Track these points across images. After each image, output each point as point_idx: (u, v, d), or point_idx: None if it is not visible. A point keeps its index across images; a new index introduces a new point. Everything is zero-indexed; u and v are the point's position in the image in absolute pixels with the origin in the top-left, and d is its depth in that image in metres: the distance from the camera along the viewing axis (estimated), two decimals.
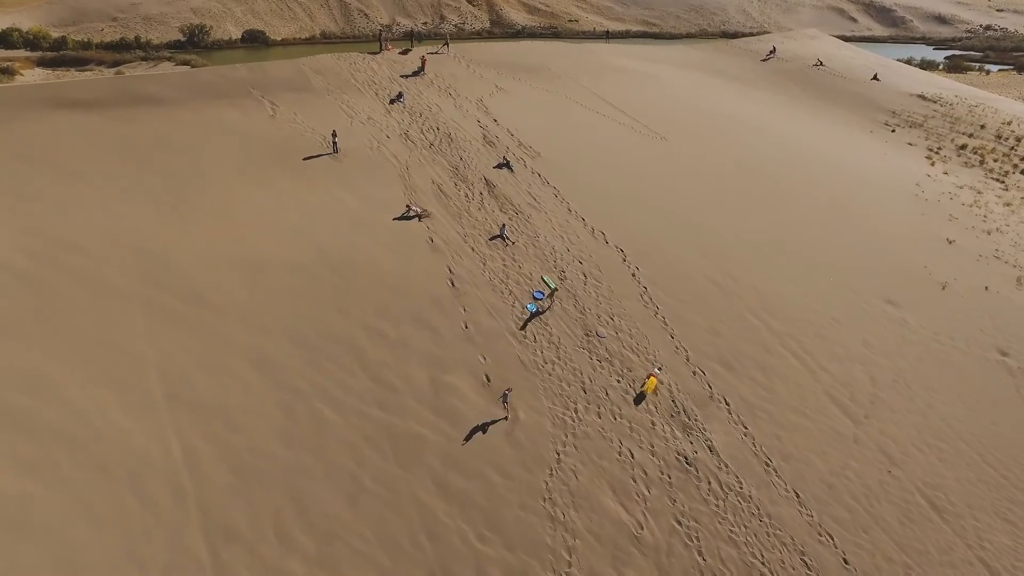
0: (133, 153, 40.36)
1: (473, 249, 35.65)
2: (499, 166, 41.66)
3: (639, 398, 28.40)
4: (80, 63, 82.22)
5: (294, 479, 24.31)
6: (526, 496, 25.41)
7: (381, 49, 57.94)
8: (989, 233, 46.21)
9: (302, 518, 23.35)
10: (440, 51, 59.42)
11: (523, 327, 29.94)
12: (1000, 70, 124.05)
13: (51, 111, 42.86)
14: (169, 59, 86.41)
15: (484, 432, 27.49)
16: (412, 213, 35.33)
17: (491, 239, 36.93)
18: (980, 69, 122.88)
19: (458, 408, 27.53)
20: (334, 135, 41.24)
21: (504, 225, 36.41)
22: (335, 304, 31.08)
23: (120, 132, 42.16)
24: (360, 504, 24.02)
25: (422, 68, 54.97)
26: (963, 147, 61.39)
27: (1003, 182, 55.92)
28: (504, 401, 26.15)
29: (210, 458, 24.69)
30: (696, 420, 29.36)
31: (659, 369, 29.11)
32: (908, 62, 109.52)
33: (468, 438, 27.31)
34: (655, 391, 28.70)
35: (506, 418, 26.56)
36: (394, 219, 35.74)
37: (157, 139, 42.04)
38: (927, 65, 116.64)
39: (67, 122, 42.16)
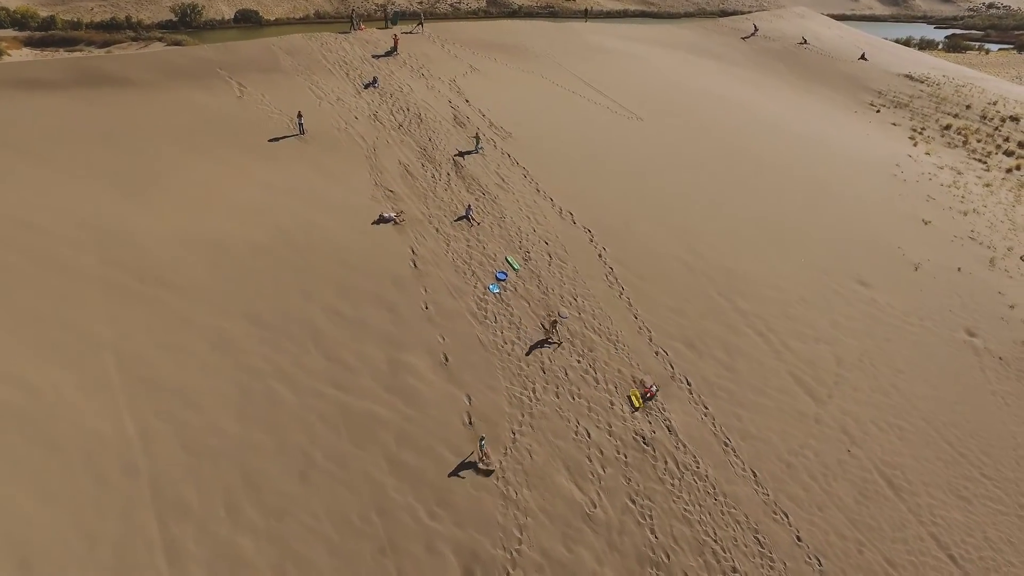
0: (96, 134, 40.61)
1: (437, 230, 36.06)
2: (465, 153, 41.90)
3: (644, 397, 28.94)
4: (69, 43, 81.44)
5: (247, 457, 24.82)
6: (478, 475, 26.02)
7: (352, 28, 57.93)
8: (965, 214, 46.72)
9: (253, 495, 23.87)
10: (415, 31, 59.44)
11: (528, 353, 30.21)
12: (1000, 49, 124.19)
13: (12, 91, 43.02)
14: (160, 39, 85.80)
15: (440, 411, 27.80)
16: (387, 217, 35.88)
17: (456, 220, 37.30)
18: (980, 48, 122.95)
19: (414, 387, 28.02)
20: (299, 116, 41.50)
21: (470, 206, 36.79)
22: (295, 284, 31.49)
23: (83, 113, 42.38)
24: (311, 481, 24.55)
25: (395, 48, 55.08)
26: (947, 127, 61.86)
27: (985, 163, 56.44)
28: (481, 449, 26.58)
29: (164, 436, 25.17)
30: (656, 400, 29.64)
31: (655, 387, 29.47)
32: (907, 42, 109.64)
33: (423, 416, 27.60)
34: (638, 400, 29.30)
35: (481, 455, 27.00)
36: (371, 223, 36.56)
37: (121, 120, 42.26)
38: (927, 45, 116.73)
39: (29, 103, 42.36)
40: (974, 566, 25.56)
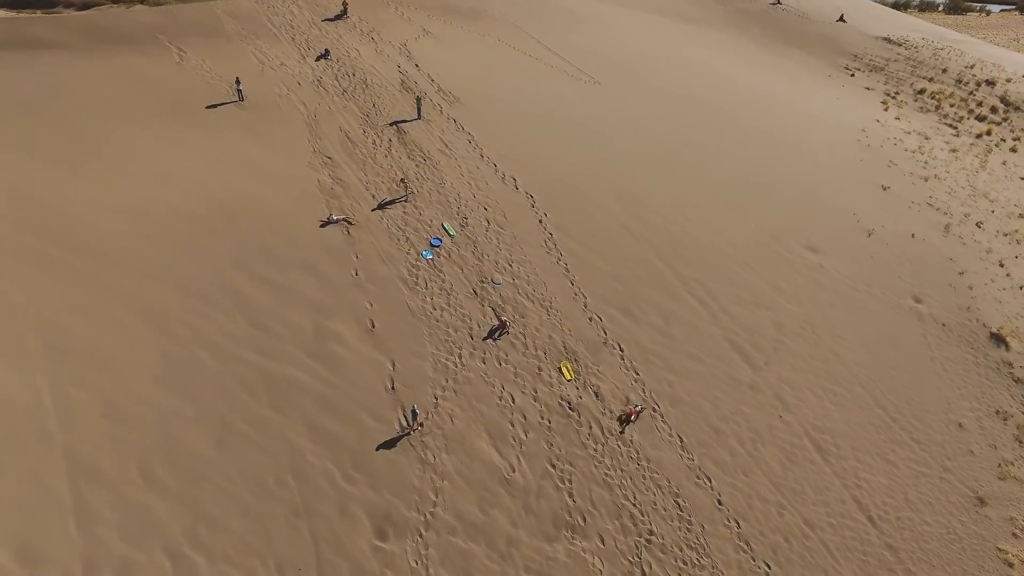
0: (24, 101, 40.98)
1: (373, 196, 36.77)
2: (408, 120, 42.52)
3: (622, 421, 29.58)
4: (47, 4, 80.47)
5: (165, 422, 25.82)
6: (398, 441, 27.03)
7: None
8: (926, 180, 47.64)
9: (169, 459, 24.91)
10: None
11: (486, 338, 31.05)
12: (1002, 10, 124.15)
13: None
14: (142, 1, 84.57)
15: (363, 377, 28.72)
16: (334, 219, 35.82)
17: (392, 201, 37.97)
18: (981, 10, 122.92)
19: (338, 353, 28.94)
20: (237, 82, 41.91)
21: (404, 179, 37.45)
22: (224, 252, 32.31)
23: (10, 79, 42.68)
24: (228, 445, 25.58)
25: (344, 11, 55.32)
26: (921, 91, 62.67)
27: (955, 128, 57.32)
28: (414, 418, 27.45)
29: (82, 404, 26.09)
30: (586, 365, 30.62)
31: (639, 407, 30.12)
32: (906, 5, 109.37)
33: (345, 382, 28.58)
34: (570, 375, 30.24)
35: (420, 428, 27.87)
36: (320, 226, 36.41)
37: (51, 87, 42.63)
38: (927, 6, 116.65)
39: None
40: (890, 526, 26.73)
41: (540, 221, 36.49)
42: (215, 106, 42.37)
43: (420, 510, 24.75)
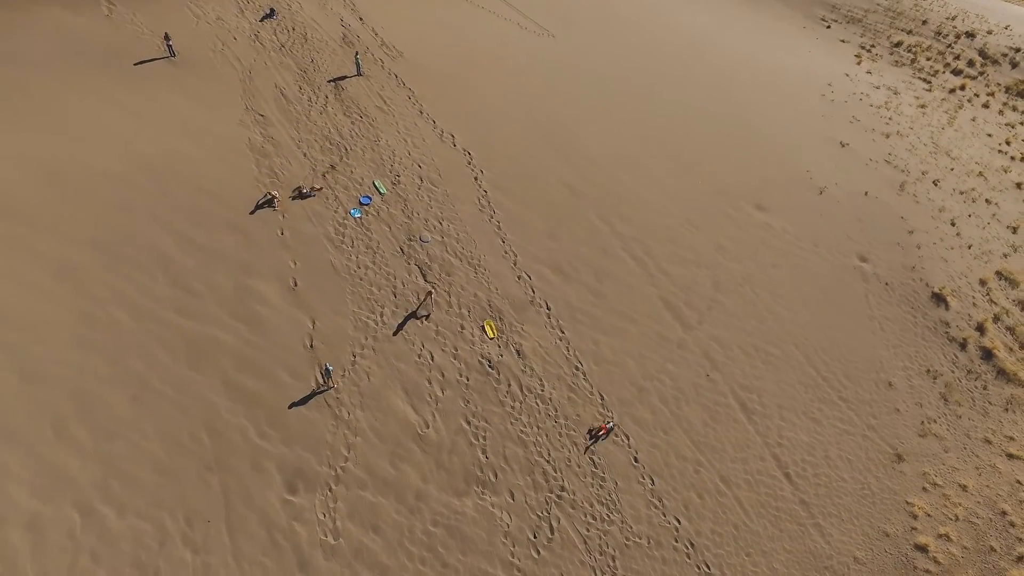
0: None
1: (305, 155, 37.80)
2: (347, 77, 43.21)
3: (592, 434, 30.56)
4: None
5: (81, 382, 27.15)
6: (314, 398, 28.49)
7: None
8: (888, 136, 48.70)
9: (84, 418, 26.31)
10: None
11: (396, 332, 32.03)
12: None
13: None
14: None
15: (282, 336, 30.04)
16: (269, 196, 36.16)
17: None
18: None
19: (259, 312, 30.25)
20: (167, 38, 42.45)
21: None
22: (147, 211, 33.38)
23: None
24: (143, 403, 27.02)
25: None
26: (898, 44, 63.39)
27: (929, 82, 58.24)
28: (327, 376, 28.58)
29: None
30: (510, 324, 32.06)
31: (610, 424, 30.62)
32: None
33: (265, 341, 29.89)
34: (493, 333, 31.53)
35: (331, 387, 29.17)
36: (251, 211, 36.61)
37: None
38: None
39: None
40: (806, 482, 28.34)
41: (476, 178, 37.52)
42: (144, 62, 43.01)
43: (331, 465, 26.16)
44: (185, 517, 24.65)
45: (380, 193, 35.06)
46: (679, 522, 26.73)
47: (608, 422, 29.14)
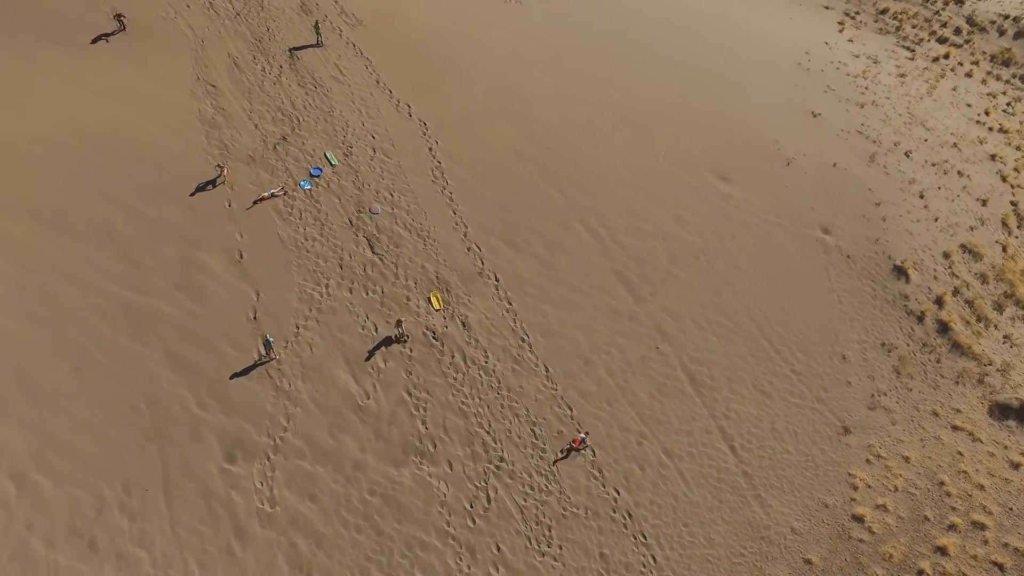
0: None
1: (256, 126, 38.66)
2: (304, 47, 43.82)
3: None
4: None
5: (21, 354, 28.35)
6: (255, 369, 29.73)
7: None
8: (862, 107, 49.50)
9: (22, 388, 27.54)
10: None
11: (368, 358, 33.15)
12: None
13: None
14: None
15: (226, 307, 31.25)
16: (219, 168, 36.71)
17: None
18: None
19: (204, 284, 31.36)
20: (119, 18, 42.92)
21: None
22: (93, 183, 34.47)
23: None
24: (85, 375, 28.23)
25: None
26: (883, 11, 63.95)
27: (912, 51, 58.91)
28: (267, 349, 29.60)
29: None
30: (457, 296, 33.26)
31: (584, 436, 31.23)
32: None
33: (208, 313, 31.16)
34: (439, 305, 32.70)
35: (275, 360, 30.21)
36: (196, 189, 37.31)
37: None
38: None
39: None
40: (751, 455, 29.58)
41: (430, 149, 38.44)
42: (94, 29, 43.57)
43: (271, 435, 27.46)
44: (123, 486, 25.78)
45: (331, 165, 36.01)
46: (618, 493, 27.77)
47: (583, 437, 29.52)
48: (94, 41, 42.25)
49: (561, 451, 29.17)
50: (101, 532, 24.68)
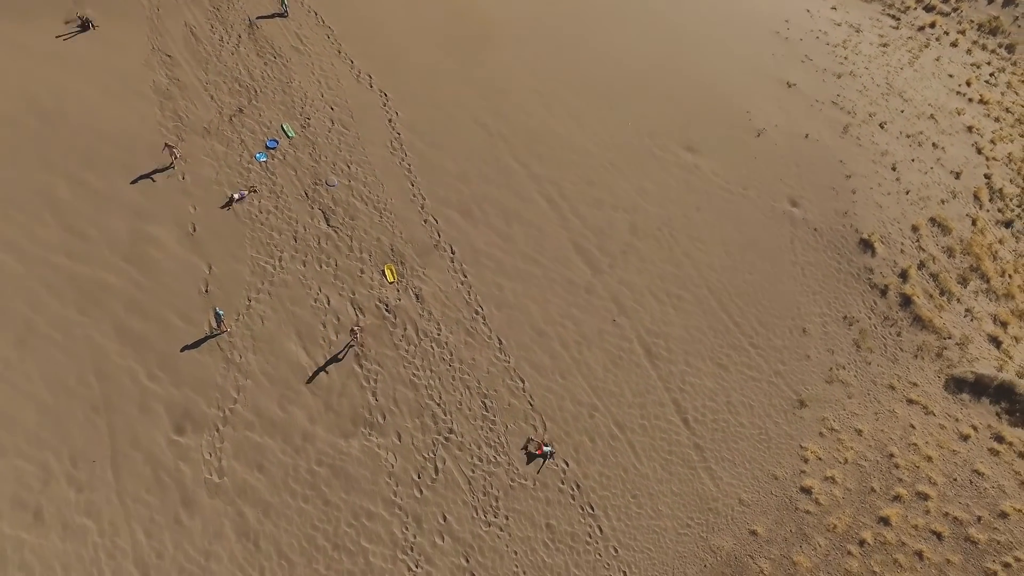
0: None
1: (212, 97, 39.56)
2: (268, 16, 44.50)
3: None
4: None
5: None
6: (206, 342, 30.81)
7: None
8: (839, 77, 50.44)
9: None
10: None
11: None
12: None
13: None
14: None
15: (176, 280, 32.26)
16: (172, 156, 37.16)
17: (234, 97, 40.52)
18: None
19: (154, 257, 32.40)
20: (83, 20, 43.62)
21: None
22: (37, 154, 35.41)
23: None
24: (29, 347, 29.28)
25: None
26: None
27: (897, 19, 59.75)
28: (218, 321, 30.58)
29: None
30: (412, 268, 34.24)
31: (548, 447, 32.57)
32: None
33: (158, 285, 32.10)
34: (393, 278, 33.74)
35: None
36: (149, 161, 38.75)
37: None
38: None
39: None
40: (704, 428, 30.86)
41: (390, 121, 39.41)
42: None
43: (220, 407, 28.66)
44: (70, 457, 26.95)
45: (288, 136, 36.97)
46: (567, 464, 29.06)
47: (547, 447, 30.26)
48: (43, 8, 42.33)
49: (524, 449, 30.14)
50: (47, 503, 25.83)
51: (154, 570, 25.05)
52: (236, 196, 35.23)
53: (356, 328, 30.47)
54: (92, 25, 42.44)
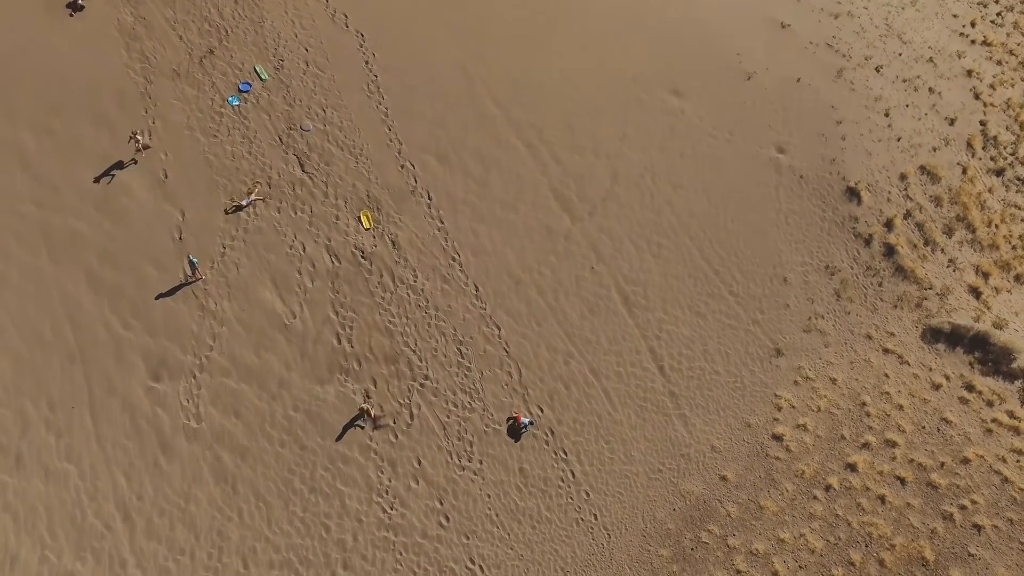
0: None
1: (181, 37, 41.23)
2: None
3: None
4: None
5: None
6: (180, 290, 32.84)
7: None
8: (836, 17, 51.74)
9: None
10: None
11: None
12: None
13: None
14: None
15: (149, 229, 34.24)
16: (140, 145, 37.91)
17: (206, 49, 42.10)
18: None
19: (126, 206, 34.55)
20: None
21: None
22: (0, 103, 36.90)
23: None
24: (1, 299, 31.51)
25: None
26: None
27: None
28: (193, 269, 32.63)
29: None
30: (388, 215, 36.20)
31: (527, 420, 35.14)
32: None
33: (130, 234, 34.09)
34: (369, 224, 35.63)
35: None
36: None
37: None
38: None
39: None
40: (679, 375, 33.27)
41: (367, 63, 41.16)
42: None
43: (196, 354, 31.08)
44: (48, 404, 29.44)
45: (261, 79, 38.80)
46: (541, 411, 31.65)
47: (526, 418, 32.01)
48: None
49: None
50: (28, 448, 28.43)
51: (135, 511, 27.49)
52: (244, 203, 36.28)
53: (363, 408, 31.52)
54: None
